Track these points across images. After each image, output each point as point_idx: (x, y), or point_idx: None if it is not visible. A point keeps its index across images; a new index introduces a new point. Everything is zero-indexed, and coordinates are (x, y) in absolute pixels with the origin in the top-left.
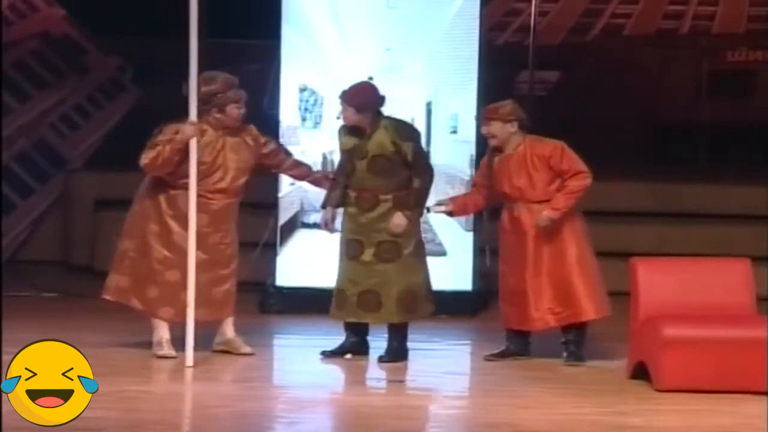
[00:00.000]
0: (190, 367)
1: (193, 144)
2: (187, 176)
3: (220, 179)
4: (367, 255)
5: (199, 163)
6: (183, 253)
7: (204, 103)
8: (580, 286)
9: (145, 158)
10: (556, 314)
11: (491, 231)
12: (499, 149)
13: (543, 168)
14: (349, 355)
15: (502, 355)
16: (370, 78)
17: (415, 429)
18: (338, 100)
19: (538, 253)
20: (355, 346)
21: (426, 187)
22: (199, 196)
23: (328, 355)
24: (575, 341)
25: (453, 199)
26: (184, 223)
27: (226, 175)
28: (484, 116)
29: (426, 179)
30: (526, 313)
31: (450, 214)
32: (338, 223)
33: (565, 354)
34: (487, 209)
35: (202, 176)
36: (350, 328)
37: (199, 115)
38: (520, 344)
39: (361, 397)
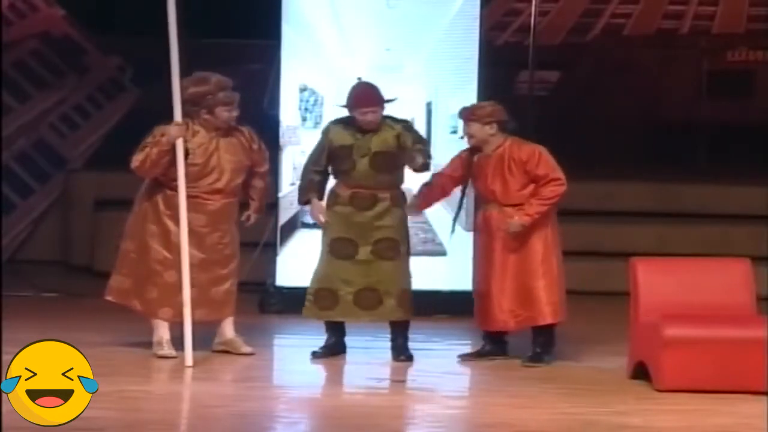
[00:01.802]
0: (189, 366)
1: (180, 144)
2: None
3: (216, 180)
4: (363, 254)
5: (192, 165)
6: (180, 253)
7: (194, 104)
8: (540, 289)
9: (135, 161)
10: (516, 316)
11: None
12: (478, 149)
13: (519, 172)
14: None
15: (477, 355)
16: (359, 78)
17: (415, 429)
18: (364, 108)
19: (505, 255)
20: (337, 346)
21: (428, 162)
22: (195, 197)
23: (319, 355)
24: (542, 343)
25: (417, 197)
26: (179, 223)
27: (222, 176)
28: (463, 116)
29: (429, 158)
30: (490, 314)
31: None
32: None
33: (528, 354)
34: None
35: (196, 177)
36: (332, 328)
37: (190, 115)
38: (495, 344)
39: (361, 397)
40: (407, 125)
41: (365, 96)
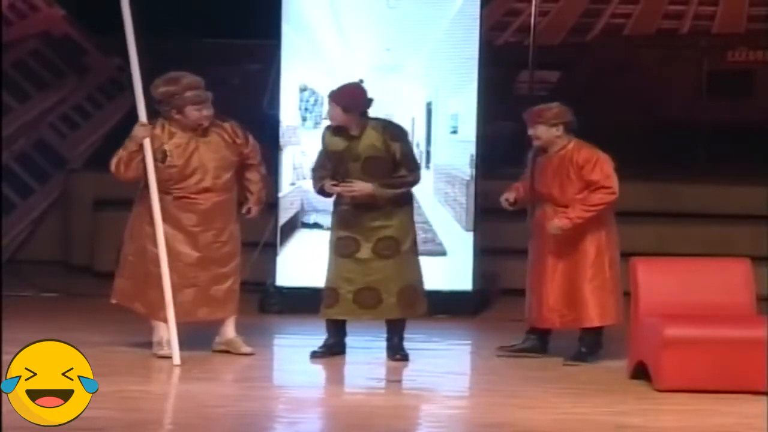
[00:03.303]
0: (177, 365)
1: (147, 145)
2: (167, 179)
3: (201, 180)
4: (364, 252)
5: (171, 167)
6: (176, 254)
7: (162, 103)
8: (587, 292)
9: (111, 165)
10: (562, 316)
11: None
12: (543, 149)
13: (576, 177)
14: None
15: (517, 350)
16: (361, 80)
17: (416, 429)
18: (326, 99)
19: (556, 255)
20: (337, 345)
21: (413, 180)
22: (183, 197)
23: (318, 355)
24: (588, 342)
25: (513, 189)
26: (173, 224)
27: (206, 175)
28: (529, 118)
29: (416, 175)
30: (539, 312)
31: (513, 204)
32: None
33: (573, 353)
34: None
35: (179, 179)
36: (333, 328)
37: (166, 117)
38: (537, 342)
39: (361, 397)
40: (393, 133)
41: (332, 90)
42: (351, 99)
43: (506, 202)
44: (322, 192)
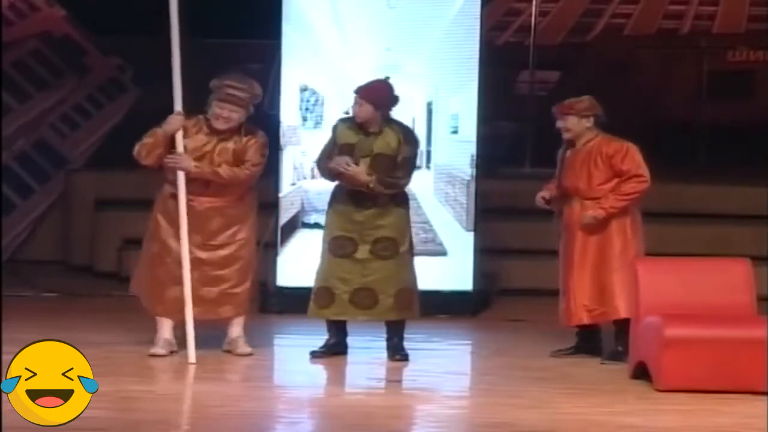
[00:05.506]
0: (192, 363)
1: (179, 136)
2: (171, 173)
3: (202, 182)
4: (362, 252)
5: None
6: (167, 250)
7: (209, 92)
8: (616, 284)
9: (135, 148)
10: (590, 311)
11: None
12: (571, 143)
13: (604, 166)
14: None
15: (568, 352)
16: (387, 77)
17: (415, 429)
18: (353, 95)
19: (584, 250)
20: (339, 345)
21: (403, 185)
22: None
23: (318, 355)
24: (624, 341)
25: (548, 187)
26: (168, 220)
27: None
28: (559, 111)
29: (407, 181)
30: (567, 309)
31: (548, 202)
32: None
33: (608, 352)
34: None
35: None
36: (333, 327)
37: (205, 114)
38: (588, 342)
39: (362, 397)
40: (408, 136)
41: (360, 86)
42: (383, 96)
43: (542, 200)
44: (329, 174)
